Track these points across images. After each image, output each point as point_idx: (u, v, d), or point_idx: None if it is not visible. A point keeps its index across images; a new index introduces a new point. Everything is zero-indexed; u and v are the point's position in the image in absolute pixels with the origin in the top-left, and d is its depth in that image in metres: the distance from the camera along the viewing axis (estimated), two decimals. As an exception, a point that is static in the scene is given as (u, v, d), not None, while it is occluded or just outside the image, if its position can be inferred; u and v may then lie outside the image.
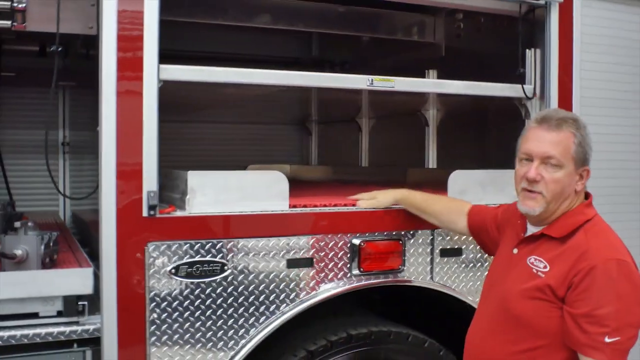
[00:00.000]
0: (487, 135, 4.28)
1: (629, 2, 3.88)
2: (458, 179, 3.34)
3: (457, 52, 4.48)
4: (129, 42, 2.70)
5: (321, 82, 3.35)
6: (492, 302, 2.59)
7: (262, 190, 2.94)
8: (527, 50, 3.61)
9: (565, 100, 3.58)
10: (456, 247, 3.27)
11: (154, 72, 2.73)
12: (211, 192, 2.86)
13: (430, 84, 3.71)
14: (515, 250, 2.59)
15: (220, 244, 2.82)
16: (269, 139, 5.96)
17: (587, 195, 2.57)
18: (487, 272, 3.31)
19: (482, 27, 4.22)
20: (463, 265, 3.28)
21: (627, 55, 3.87)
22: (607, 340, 2.24)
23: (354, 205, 3.15)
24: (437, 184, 3.42)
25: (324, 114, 6.01)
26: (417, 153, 4.54)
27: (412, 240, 3.17)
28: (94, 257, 2.96)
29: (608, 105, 3.79)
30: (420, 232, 3.19)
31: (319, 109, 6.02)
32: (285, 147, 6.08)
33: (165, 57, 2.80)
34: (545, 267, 2.43)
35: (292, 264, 2.93)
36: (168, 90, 2.86)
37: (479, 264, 3.32)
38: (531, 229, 2.58)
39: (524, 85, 3.53)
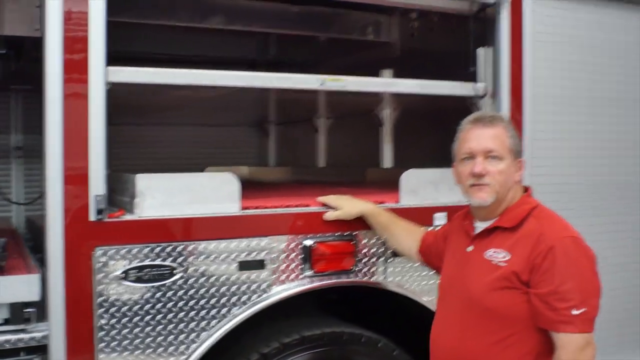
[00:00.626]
0: (443, 134, 4.29)
1: (578, 0, 3.92)
2: (411, 177, 3.34)
3: (412, 52, 4.50)
4: (75, 44, 2.65)
5: (273, 82, 3.34)
6: (456, 302, 2.65)
7: (212, 192, 2.91)
8: (478, 48, 3.62)
9: (517, 97, 3.61)
10: (409, 246, 3.26)
11: (100, 74, 2.69)
12: (160, 195, 2.82)
13: (382, 83, 3.70)
14: (469, 248, 2.67)
15: (170, 247, 2.78)
16: (226, 141, 5.93)
17: (526, 189, 2.75)
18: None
19: (436, 26, 4.23)
20: (416, 264, 3.28)
21: (577, 52, 3.90)
22: (574, 312, 2.36)
23: (306, 205, 3.13)
24: (394, 184, 3.42)
25: (281, 115, 5.99)
26: (374, 152, 4.54)
27: (364, 241, 3.16)
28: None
29: (559, 102, 3.82)
30: (372, 232, 3.18)
31: (277, 110, 6.01)
32: (243, 148, 6.06)
33: (118, 59, 2.76)
34: (504, 256, 2.53)
35: (244, 266, 2.91)
36: (121, 93, 2.82)
37: (432, 263, 3.32)
38: (481, 226, 2.67)
39: (476, 84, 3.54)
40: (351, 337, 3.17)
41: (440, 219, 3.32)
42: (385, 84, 3.78)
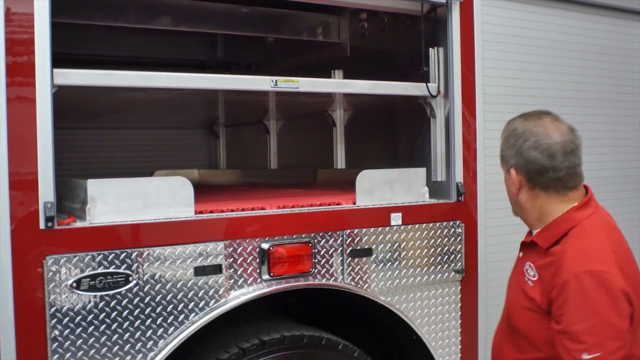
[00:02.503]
0: (396, 134, 4.31)
1: (528, 1, 3.97)
2: (366, 178, 3.33)
3: (362, 52, 4.49)
4: (18, 46, 2.55)
5: (224, 84, 3.30)
6: (506, 306, 2.63)
7: (166, 196, 2.84)
8: (430, 48, 3.64)
9: (469, 97, 3.63)
10: (366, 247, 3.25)
11: (47, 77, 2.60)
12: (112, 201, 2.75)
13: (335, 84, 3.69)
14: (520, 254, 2.61)
15: (124, 254, 2.70)
16: (176, 143, 5.84)
17: (586, 200, 2.48)
18: (405, 271, 3.37)
19: (386, 26, 4.23)
20: (374, 265, 3.27)
21: (527, 52, 3.96)
22: (585, 357, 2.19)
23: (262, 208, 3.09)
24: (347, 184, 3.40)
25: (231, 117, 5.93)
26: (326, 153, 4.52)
27: (322, 243, 3.14)
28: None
29: (510, 101, 3.85)
30: (329, 233, 3.16)
31: (227, 112, 5.95)
32: (193, 151, 5.98)
33: (63, 61, 2.68)
34: (534, 275, 2.42)
35: (200, 271, 2.85)
36: (67, 96, 2.74)
37: (390, 263, 3.32)
38: (531, 235, 2.59)
39: (428, 84, 3.55)
40: (311, 340, 3.13)
41: (396, 219, 3.32)
42: (339, 84, 3.77)
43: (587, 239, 2.36)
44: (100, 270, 2.65)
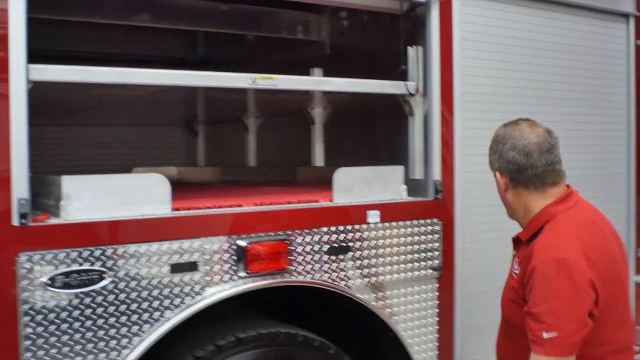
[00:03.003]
0: (375, 132, 4.31)
1: (507, 1, 3.99)
2: (343, 176, 3.33)
3: (342, 50, 4.50)
4: (-8, 41, 2.53)
5: (202, 81, 3.28)
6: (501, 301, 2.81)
7: (142, 193, 2.83)
8: (409, 47, 3.64)
9: (447, 96, 3.64)
10: (343, 245, 3.25)
11: (22, 72, 2.57)
12: (88, 198, 2.73)
13: (313, 82, 3.69)
14: (513, 252, 2.79)
15: (99, 251, 2.68)
16: (154, 141, 5.82)
17: (565, 195, 2.65)
18: (382, 269, 3.38)
19: (366, 25, 4.24)
20: (351, 262, 3.27)
21: (507, 52, 3.98)
22: (544, 335, 2.36)
23: (239, 206, 3.08)
24: (326, 182, 3.40)
25: (210, 115, 5.91)
26: (305, 152, 4.51)
27: (299, 240, 3.13)
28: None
29: (488, 100, 3.88)
30: (307, 231, 3.15)
31: (206, 110, 5.93)
32: (172, 149, 5.96)
33: (42, 57, 2.65)
34: (517, 268, 2.63)
35: (176, 268, 2.83)
36: (45, 92, 2.72)
37: (367, 261, 3.32)
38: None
39: (407, 82, 3.56)
40: (287, 337, 3.13)
41: (373, 217, 3.33)
42: (317, 82, 3.77)
43: (557, 230, 2.53)
44: (74, 267, 2.63)
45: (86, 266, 2.66)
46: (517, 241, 2.74)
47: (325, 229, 3.20)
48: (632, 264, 4.60)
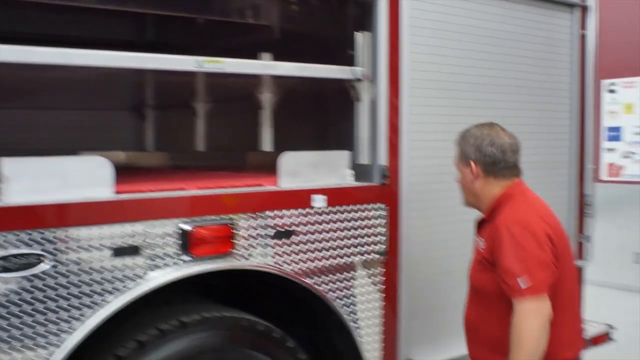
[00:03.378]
0: (324, 117, 4.32)
1: (456, -12, 4.02)
2: (288, 160, 3.33)
3: (292, 35, 4.48)
4: None
5: (148, 63, 3.22)
6: (469, 279, 3.25)
7: (84, 176, 2.79)
8: (357, 32, 3.65)
9: (394, 82, 3.67)
10: (288, 229, 3.26)
11: (-41, 52, 2.52)
12: (28, 180, 2.68)
13: (261, 66, 3.67)
14: (474, 237, 3.25)
15: (40, 234, 2.64)
16: (102, 125, 5.71)
17: (515, 182, 3.17)
18: (327, 253, 3.40)
19: (315, 10, 4.22)
20: (296, 247, 3.28)
21: (454, 39, 4.01)
22: (520, 283, 2.84)
23: (183, 189, 3.06)
24: (274, 167, 3.39)
25: (159, 99, 5.84)
26: (255, 137, 4.50)
27: (243, 223, 3.13)
28: None
29: (437, 87, 3.92)
30: (252, 215, 3.15)
31: (154, 94, 5.85)
32: (120, 133, 5.87)
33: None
34: (483, 243, 3.09)
35: (118, 252, 2.80)
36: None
37: (312, 245, 3.34)
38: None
39: (354, 68, 3.57)
40: (231, 321, 3.13)
41: (318, 201, 3.34)
42: (265, 66, 3.75)
43: (515, 204, 3.05)
44: (12, 250, 2.58)
45: (25, 250, 2.61)
46: (479, 223, 3.23)
47: (270, 213, 3.20)
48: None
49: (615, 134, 10.16)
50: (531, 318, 2.83)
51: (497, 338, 2.99)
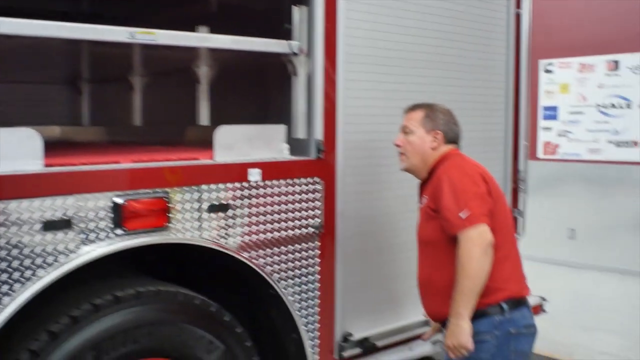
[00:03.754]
0: (261, 91, 4.31)
1: (393, -37, 4.03)
2: (224, 134, 3.32)
3: (229, 9, 4.44)
4: None
5: (80, 34, 3.13)
6: (417, 237, 3.50)
7: (12, 148, 2.72)
8: (293, 6, 3.63)
9: (331, 56, 3.68)
10: (223, 202, 3.25)
11: None
12: (-46, 153, 2.61)
13: (195, 38, 3.62)
14: (418, 199, 3.55)
15: (-34, 208, 2.58)
16: (36, 99, 5.58)
17: (451, 151, 3.46)
18: (264, 227, 3.41)
19: (253, -17, 4.20)
20: (232, 220, 3.28)
21: (392, 15, 4.03)
22: (460, 215, 3.12)
23: (115, 162, 3.02)
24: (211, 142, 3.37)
25: (95, 73, 5.73)
26: (192, 111, 4.46)
27: (178, 197, 3.11)
28: None
29: (371, 62, 3.94)
30: (186, 188, 3.13)
31: (90, 67, 5.74)
32: (55, 107, 5.74)
33: None
34: (424, 199, 3.40)
35: (49, 226, 2.75)
36: None
37: (248, 219, 3.34)
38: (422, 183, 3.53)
39: (290, 42, 3.56)
40: (167, 296, 3.11)
41: (254, 175, 3.34)
42: (199, 38, 3.70)
43: (453, 159, 3.38)
44: (-63, 224, 2.53)
45: (-50, 223, 2.56)
46: (421, 186, 3.51)
47: (205, 187, 3.19)
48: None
49: (551, 113, 10.37)
50: (472, 245, 3.07)
51: (450, 282, 3.15)
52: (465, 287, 3.08)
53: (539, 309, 4.99)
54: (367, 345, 3.94)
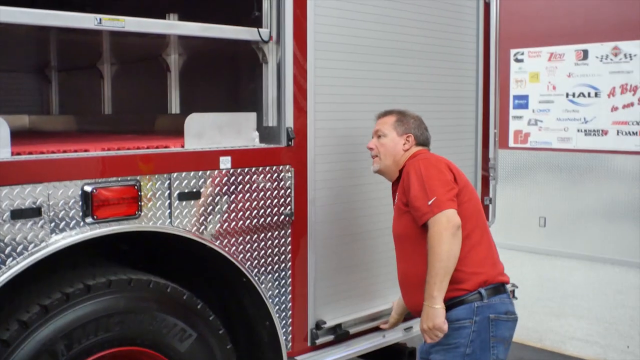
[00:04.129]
0: (231, 79, 4.29)
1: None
2: (195, 122, 3.31)
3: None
4: None
5: (46, 20, 3.08)
6: (394, 234, 3.61)
7: (-23, 136, 2.70)
8: (263, -7, 3.63)
9: (301, 43, 3.67)
10: (194, 190, 3.24)
11: None
12: None
13: (163, 25, 3.58)
14: (393, 197, 3.68)
15: None
16: (4, 88, 5.52)
17: (418, 152, 3.61)
18: (235, 215, 3.41)
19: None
20: (202, 208, 3.28)
21: (360, 2, 4.02)
22: (429, 203, 3.22)
23: (85, 150, 3.00)
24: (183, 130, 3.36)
25: (64, 61, 5.67)
26: (162, 99, 4.44)
27: (148, 185, 3.09)
28: None
29: (343, 49, 3.94)
30: (156, 176, 3.12)
31: (59, 55, 5.68)
32: (23, 96, 5.67)
33: None
34: (397, 196, 3.53)
35: (17, 215, 2.72)
36: None
37: (219, 207, 3.34)
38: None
39: (260, 29, 3.55)
40: (138, 284, 3.10)
41: (225, 163, 3.34)
42: (167, 25, 3.67)
43: (419, 158, 3.49)
44: None
45: None
46: (393, 185, 3.67)
47: (175, 175, 3.18)
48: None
49: (522, 102, 10.48)
50: (441, 228, 3.16)
51: (425, 275, 3.22)
52: (436, 270, 3.15)
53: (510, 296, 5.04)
54: (340, 332, 3.96)
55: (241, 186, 3.41)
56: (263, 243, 3.54)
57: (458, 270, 3.23)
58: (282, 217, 3.60)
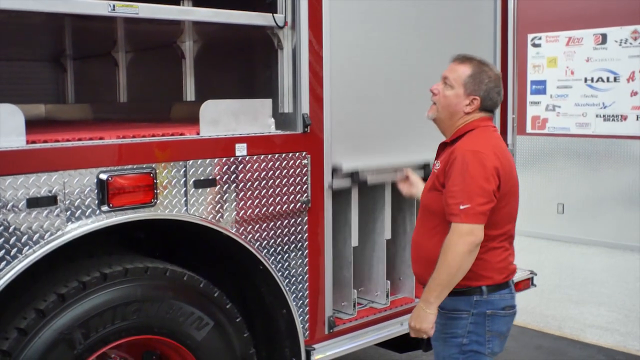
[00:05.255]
0: (247, 66, 4.26)
1: None
2: (210, 109, 3.29)
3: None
4: None
5: (56, 7, 3.04)
6: (421, 199, 3.44)
7: (-7, 125, 2.69)
8: (278, -22, 3.59)
9: (316, 28, 3.63)
10: (210, 177, 3.22)
11: None
12: None
13: (177, 11, 3.55)
14: (435, 158, 3.39)
15: (-52, 185, 2.55)
16: (20, 77, 5.52)
17: (485, 119, 3.30)
18: (251, 202, 3.39)
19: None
20: (219, 196, 3.26)
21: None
22: (460, 207, 3.02)
23: (100, 138, 2.98)
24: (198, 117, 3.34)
25: (79, 49, 5.67)
26: (177, 87, 4.42)
27: (164, 173, 3.08)
28: None
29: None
30: (172, 164, 3.10)
31: (74, 44, 5.68)
32: (39, 85, 5.68)
33: None
34: (438, 165, 3.26)
35: (33, 203, 2.72)
36: None
37: (235, 194, 3.32)
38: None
39: (275, 14, 3.52)
40: (155, 272, 3.10)
41: (241, 150, 3.31)
42: (181, 12, 3.64)
43: (475, 136, 3.20)
44: None
45: None
46: (441, 146, 3.36)
47: (191, 162, 3.16)
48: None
49: (539, 87, 10.37)
50: (461, 241, 3.01)
51: (435, 254, 3.12)
52: (442, 278, 3.04)
53: (528, 283, 5.00)
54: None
55: (257, 173, 3.39)
56: (280, 230, 3.52)
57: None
58: (299, 204, 3.57)
